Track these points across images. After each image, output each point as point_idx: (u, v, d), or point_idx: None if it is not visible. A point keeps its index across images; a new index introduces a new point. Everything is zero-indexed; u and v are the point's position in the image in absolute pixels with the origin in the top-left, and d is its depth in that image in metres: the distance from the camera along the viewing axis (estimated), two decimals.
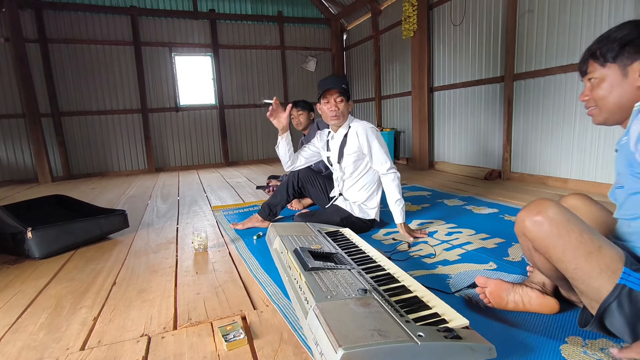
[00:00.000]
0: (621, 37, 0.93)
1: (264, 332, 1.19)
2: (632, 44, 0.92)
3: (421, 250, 1.88)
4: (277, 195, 2.38)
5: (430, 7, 4.62)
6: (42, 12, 5.23)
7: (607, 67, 0.96)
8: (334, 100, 2.07)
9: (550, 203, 0.96)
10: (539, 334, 1.09)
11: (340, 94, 2.06)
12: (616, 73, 0.95)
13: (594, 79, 1.00)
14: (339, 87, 2.04)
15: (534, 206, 0.98)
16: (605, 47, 0.96)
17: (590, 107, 1.03)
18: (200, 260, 1.92)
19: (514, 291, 1.20)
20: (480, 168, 4.08)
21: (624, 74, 0.94)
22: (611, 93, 0.96)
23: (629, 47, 0.92)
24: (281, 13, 6.55)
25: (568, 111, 3.13)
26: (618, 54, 0.94)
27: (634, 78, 0.93)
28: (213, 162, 6.46)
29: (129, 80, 5.79)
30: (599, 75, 0.98)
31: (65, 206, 2.70)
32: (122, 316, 1.36)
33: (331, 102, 2.07)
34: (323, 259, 1.42)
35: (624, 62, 0.94)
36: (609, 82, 0.97)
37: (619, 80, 0.95)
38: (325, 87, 2.05)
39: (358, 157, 2.14)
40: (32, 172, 5.37)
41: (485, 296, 1.20)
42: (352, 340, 0.83)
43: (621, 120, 1.00)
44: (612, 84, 0.96)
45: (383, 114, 6.00)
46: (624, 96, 0.95)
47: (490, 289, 1.18)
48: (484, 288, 1.20)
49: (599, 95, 0.99)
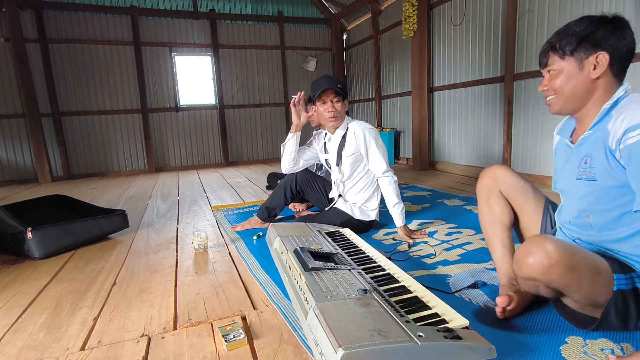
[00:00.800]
0: (579, 32, 1.01)
1: (264, 332, 1.19)
2: (588, 39, 1.00)
3: (421, 251, 1.88)
4: (274, 198, 2.35)
5: (430, 7, 4.62)
6: (42, 12, 5.23)
7: (566, 60, 1.03)
8: (330, 101, 2.05)
9: (546, 239, 0.95)
10: (539, 334, 1.09)
11: (337, 94, 2.04)
12: (573, 65, 1.02)
13: (552, 70, 1.06)
14: (334, 87, 2.02)
15: (537, 249, 0.94)
16: (564, 41, 1.03)
17: (549, 96, 1.09)
18: (200, 260, 1.92)
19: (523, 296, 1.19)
20: (481, 168, 4.06)
21: (580, 67, 1.01)
22: (568, 83, 1.04)
23: (585, 43, 1.00)
24: (281, 13, 6.55)
25: None
26: (575, 48, 1.01)
27: (588, 70, 1.00)
28: (213, 162, 6.46)
29: (129, 80, 5.79)
30: (558, 67, 1.05)
31: (65, 206, 2.70)
32: (122, 316, 1.36)
33: (328, 104, 2.05)
34: (323, 259, 1.42)
35: (581, 56, 1.01)
36: (566, 74, 1.04)
37: (576, 72, 1.02)
38: (321, 88, 2.02)
39: (356, 158, 2.13)
40: (32, 172, 5.37)
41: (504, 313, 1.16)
42: (352, 340, 0.83)
43: (575, 110, 1.07)
44: (569, 75, 1.03)
45: (383, 114, 6.00)
46: (579, 87, 1.03)
47: (512, 306, 1.15)
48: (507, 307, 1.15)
49: (557, 85, 1.05)
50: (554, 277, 0.94)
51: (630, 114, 0.92)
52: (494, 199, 1.29)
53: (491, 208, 1.30)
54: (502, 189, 1.28)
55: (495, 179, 1.30)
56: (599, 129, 1.01)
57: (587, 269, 0.95)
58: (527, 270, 0.96)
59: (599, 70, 0.99)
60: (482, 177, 1.33)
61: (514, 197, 1.28)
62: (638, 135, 0.89)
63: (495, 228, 1.30)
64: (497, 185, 1.29)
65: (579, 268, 0.94)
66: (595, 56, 0.99)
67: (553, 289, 1.01)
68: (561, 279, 0.94)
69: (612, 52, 0.98)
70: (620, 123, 0.93)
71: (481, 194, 1.34)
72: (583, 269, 0.95)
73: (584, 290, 0.97)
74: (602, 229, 1.05)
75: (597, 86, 1.02)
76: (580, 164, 1.05)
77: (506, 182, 1.28)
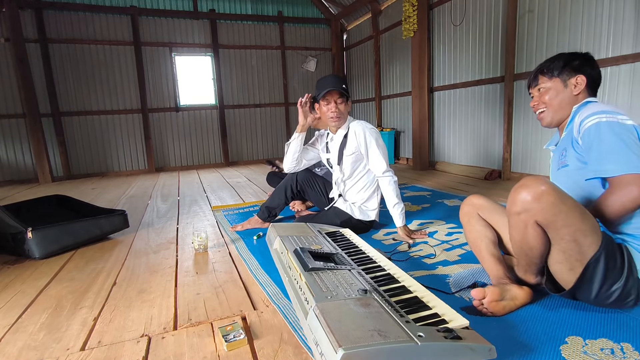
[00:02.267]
0: (562, 60, 1.31)
1: (264, 332, 1.19)
2: (570, 65, 1.29)
3: (421, 251, 1.88)
4: (275, 198, 2.35)
5: (430, 7, 4.62)
6: (42, 12, 5.22)
7: (553, 80, 1.32)
8: (334, 102, 2.06)
9: (541, 178, 1.09)
10: (539, 334, 1.10)
11: (341, 95, 2.05)
12: (559, 83, 1.31)
13: (542, 88, 1.34)
14: (339, 88, 2.03)
15: (531, 182, 1.07)
16: (551, 66, 1.32)
17: (540, 109, 1.35)
18: (200, 260, 1.92)
19: (504, 293, 1.21)
20: (481, 168, 4.08)
21: (565, 85, 1.30)
22: (557, 97, 1.31)
23: (567, 67, 1.30)
24: (281, 13, 6.55)
25: None
26: (561, 71, 1.30)
27: (571, 88, 1.30)
28: (213, 162, 6.46)
29: (129, 80, 5.79)
30: (546, 85, 1.33)
31: (65, 206, 2.70)
32: (122, 316, 1.36)
33: (332, 104, 2.06)
34: (323, 260, 1.42)
35: (564, 77, 1.30)
36: (554, 90, 1.32)
37: (561, 88, 1.31)
38: (326, 88, 2.03)
39: (357, 158, 2.13)
40: (32, 172, 5.37)
41: (484, 307, 1.20)
42: (352, 340, 0.83)
43: (562, 120, 1.32)
44: (557, 91, 1.31)
45: (383, 114, 6.00)
46: (565, 100, 1.30)
47: (488, 298, 1.18)
48: (482, 299, 1.19)
49: (546, 99, 1.33)
50: (545, 204, 1.04)
51: (587, 109, 1.19)
52: (474, 221, 1.47)
53: (474, 227, 1.46)
54: (479, 212, 1.47)
55: (472, 205, 1.49)
56: (570, 128, 1.27)
57: (575, 205, 1.06)
58: (520, 200, 1.08)
59: (578, 89, 1.29)
60: (462, 207, 1.53)
61: (490, 217, 1.44)
62: (588, 122, 1.15)
63: (481, 242, 1.43)
64: (475, 209, 1.47)
65: (567, 202, 1.05)
66: (575, 78, 1.28)
67: (542, 232, 1.08)
68: (551, 208, 1.04)
69: (588, 77, 1.28)
70: (579, 116, 1.20)
71: (463, 219, 1.51)
72: (571, 203, 1.06)
73: (573, 226, 1.05)
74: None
75: (577, 100, 1.29)
76: (560, 157, 1.29)
77: (481, 205, 1.46)
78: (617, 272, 1.08)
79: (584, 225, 1.05)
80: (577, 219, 1.05)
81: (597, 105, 1.20)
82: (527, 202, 1.06)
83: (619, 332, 1.08)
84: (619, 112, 1.13)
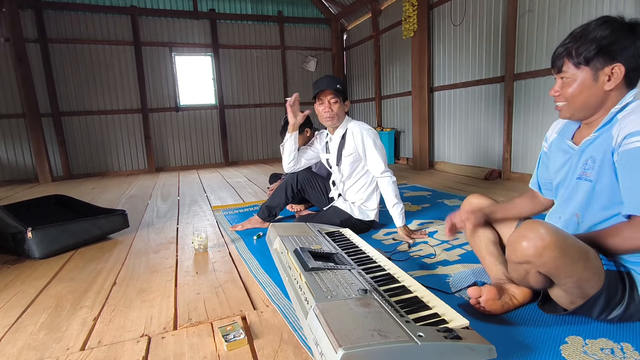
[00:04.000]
0: (598, 40, 0.98)
1: (264, 332, 1.19)
2: (606, 50, 0.97)
3: (421, 251, 1.88)
4: (275, 197, 2.36)
5: (431, 7, 4.62)
6: (42, 12, 5.23)
7: (581, 69, 1.02)
8: (327, 102, 2.06)
9: (540, 224, 0.98)
10: (539, 334, 1.09)
11: (335, 95, 2.05)
12: (588, 76, 1.01)
13: (566, 77, 1.05)
14: (332, 87, 2.04)
15: (532, 234, 0.97)
16: (582, 48, 1.00)
17: (560, 102, 1.10)
18: (200, 260, 1.92)
19: (502, 292, 1.21)
20: (481, 168, 4.08)
21: (595, 78, 1.01)
22: (581, 93, 1.03)
23: (603, 53, 0.98)
24: (281, 13, 6.55)
25: None
26: (592, 58, 0.99)
27: (603, 82, 1.00)
28: (213, 162, 6.46)
29: (129, 80, 5.79)
30: (572, 75, 1.04)
31: (65, 206, 2.70)
32: (122, 316, 1.36)
33: (325, 104, 2.07)
34: (323, 259, 1.42)
35: (596, 67, 1.00)
36: (580, 83, 1.03)
37: (590, 83, 1.01)
38: (319, 88, 2.05)
39: (355, 158, 2.14)
40: (32, 172, 5.37)
41: (481, 306, 1.20)
42: (352, 340, 0.83)
43: (585, 117, 1.09)
44: (584, 85, 1.02)
45: (383, 114, 6.00)
46: (592, 97, 1.03)
47: (485, 297, 1.18)
48: (479, 298, 1.19)
49: (569, 93, 1.05)
50: (547, 259, 0.96)
51: (634, 119, 0.94)
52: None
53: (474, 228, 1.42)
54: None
55: (471, 205, 1.46)
56: (604, 132, 1.03)
57: (578, 254, 0.97)
58: (520, 253, 0.99)
59: (613, 82, 0.99)
60: (462, 207, 1.49)
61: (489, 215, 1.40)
62: (636, 142, 0.91)
63: (480, 242, 1.41)
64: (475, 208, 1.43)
65: (570, 252, 0.96)
66: (610, 67, 0.98)
67: (544, 276, 1.03)
68: (554, 262, 0.96)
69: (629, 64, 0.97)
70: (624, 127, 0.95)
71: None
72: (574, 252, 0.96)
73: (576, 276, 0.98)
74: (588, 228, 1.09)
75: (609, 96, 1.02)
76: (583, 164, 1.07)
77: (480, 203, 1.43)
78: (617, 301, 1.04)
79: (587, 273, 0.99)
80: (580, 268, 0.97)
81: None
82: (528, 256, 0.98)
83: (619, 332, 1.08)
84: None
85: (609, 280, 1.01)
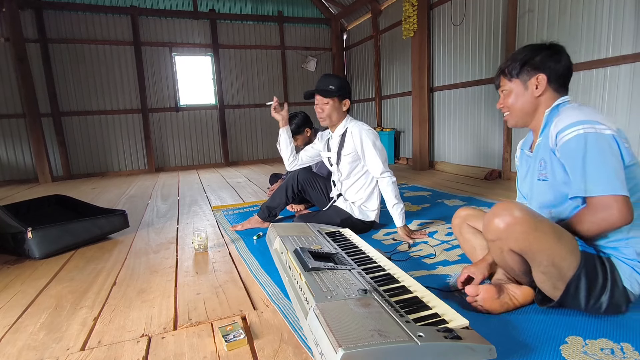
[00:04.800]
0: (521, 57, 1.20)
1: (264, 332, 1.19)
2: (529, 64, 1.19)
3: (421, 251, 1.88)
4: (275, 197, 2.36)
5: (431, 7, 4.62)
6: (42, 12, 5.23)
7: (513, 81, 1.23)
8: (319, 103, 2.10)
9: (514, 204, 1.07)
10: (539, 334, 1.09)
11: (325, 96, 2.06)
12: (519, 86, 1.22)
13: (504, 90, 1.25)
14: (322, 89, 2.06)
15: (503, 211, 1.06)
16: (510, 66, 1.22)
17: (505, 112, 1.28)
18: (200, 260, 1.92)
19: (501, 291, 1.21)
20: (481, 168, 4.08)
21: (525, 87, 1.21)
22: (517, 101, 1.23)
23: (526, 66, 1.19)
24: (281, 13, 6.55)
25: None
26: (520, 72, 1.20)
27: (532, 90, 1.20)
28: (213, 162, 6.46)
29: (129, 80, 5.79)
30: (508, 88, 1.24)
31: (65, 206, 2.70)
32: (122, 316, 1.36)
33: (318, 105, 2.10)
34: (323, 260, 1.42)
35: (524, 78, 1.20)
36: (514, 93, 1.23)
37: (522, 91, 1.22)
38: (312, 90, 2.10)
39: (354, 158, 2.14)
40: (32, 172, 5.37)
41: (478, 304, 1.20)
42: (352, 340, 0.83)
43: (527, 123, 1.26)
44: (517, 94, 1.22)
45: (383, 114, 6.00)
46: (527, 104, 1.22)
47: (482, 296, 1.19)
48: (476, 296, 1.20)
49: (509, 103, 1.25)
50: (517, 234, 1.04)
51: (561, 118, 1.10)
52: (465, 231, 1.52)
53: (465, 237, 1.51)
54: (468, 222, 1.50)
55: (460, 217, 1.53)
56: (545, 135, 1.18)
57: (550, 230, 1.04)
58: (492, 230, 1.08)
59: (539, 89, 1.18)
60: (452, 220, 1.57)
61: (478, 224, 1.46)
62: (566, 135, 1.06)
63: (474, 250, 1.48)
64: (464, 220, 1.51)
65: (541, 227, 1.04)
66: (535, 77, 1.18)
67: (520, 256, 1.09)
68: (524, 237, 1.03)
69: (550, 73, 1.17)
70: (555, 127, 1.11)
71: (455, 231, 1.56)
72: (546, 228, 1.04)
73: (548, 251, 1.04)
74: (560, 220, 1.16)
75: (540, 102, 1.20)
76: (538, 167, 1.21)
77: (469, 215, 1.49)
78: (600, 286, 1.08)
79: (561, 249, 1.04)
80: (552, 244, 1.03)
81: (572, 110, 1.10)
82: (498, 231, 1.06)
83: (619, 332, 1.08)
84: (596, 120, 1.04)
85: (586, 260, 1.06)
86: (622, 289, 1.08)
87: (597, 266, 1.07)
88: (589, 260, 1.07)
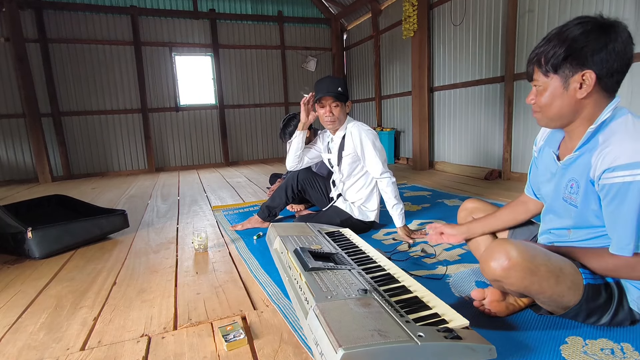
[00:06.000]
0: (566, 45, 0.92)
1: (264, 332, 1.19)
2: (575, 56, 0.91)
3: (421, 251, 1.88)
4: (275, 197, 2.36)
5: (431, 7, 4.62)
6: (42, 12, 5.22)
7: (550, 77, 0.97)
8: (329, 106, 2.06)
9: (509, 242, 0.99)
10: (539, 334, 1.09)
11: (336, 99, 2.05)
12: (557, 84, 0.96)
13: (538, 85, 1.01)
14: (334, 92, 2.03)
15: (499, 253, 0.98)
16: (549, 54, 0.94)
17: (536, 110, 1.04)
18: (200, 260, 1.92)
19: (506, 294, 1.20)
20: (481, 168, 4.08)
21: (565, 86, 0.95)
22: (553, 103, 0.98)
23: (570, 59, 0.92)
24: (281, 13, 6.55)
25: None
26: (560, 66, 0.93)
27: (574, 89, 0.94)
28: (213, 162, 6.46)
29: (129, 80, 5.79)
30: (542, 84, 0.99)
31: (65, 206, 2.70)
32: (122, 316, 1.36)
33: (326, 108, 2.07)
34: (323, 259, 1.41)
35: (565, 74, 0.94)
36: (550, 92, 0.98)
37: (561, 91, 0.96)
38: (321, 92, 2.04)
39: (353, 158, 2.14)
40: (32, 172, 5.37)
41: (485, 307, 1.20)
42: (352, 340, 0.83)
43: (563, 126, 1.03)
44: (554, 94, 0.97)
45: (383, 114, 6.00)
46: (565, 107, 0.97)
47: (489, 298, 1.18)
48: (483, 300, 1.20)
49: (542, 102, 1.00)
50: (514, 279, 0.97)
51: (612, 149, 0.90)
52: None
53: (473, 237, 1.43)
54: (474, 216, 1.45)
55: (466, 210, 1.49)
56: (584, 153, 0.98)
57: (549, 272, 0.97)
58: (489, 272, 1.02)
59: (584, 91, 0.93)
60: (458, 212, 1.53)
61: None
62: (617, 177, 0.88)
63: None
64: (470, 213, 1.47)
65: (539, 271, 0.96)
66: (581, 75, 0.92)
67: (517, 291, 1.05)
68: (521, 281, 0.97)
69: (601, 70, 0.90)
70: (602, 159, 0.91)
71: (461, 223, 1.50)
72: (544, 271, 0.96)
73: (547, 292, 0.99)
74: (579, 242, 1.10)
75: (584, 105, 0.96)
76: (567, 186, 1.04)
77: (475, 208, 1.45)
78: (602, 309, 1.04)
79: (561, 289, 0.98)
80: (551, 284, 0.97)
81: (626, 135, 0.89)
82: (496, 275, 0.99)
83: (619, 332, 1.08)
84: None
85: (589, 294, 1.00)
86: (627, 310, 1.05)
87: (602, 292, 1.02)
88: (594, 293, 1.01)
